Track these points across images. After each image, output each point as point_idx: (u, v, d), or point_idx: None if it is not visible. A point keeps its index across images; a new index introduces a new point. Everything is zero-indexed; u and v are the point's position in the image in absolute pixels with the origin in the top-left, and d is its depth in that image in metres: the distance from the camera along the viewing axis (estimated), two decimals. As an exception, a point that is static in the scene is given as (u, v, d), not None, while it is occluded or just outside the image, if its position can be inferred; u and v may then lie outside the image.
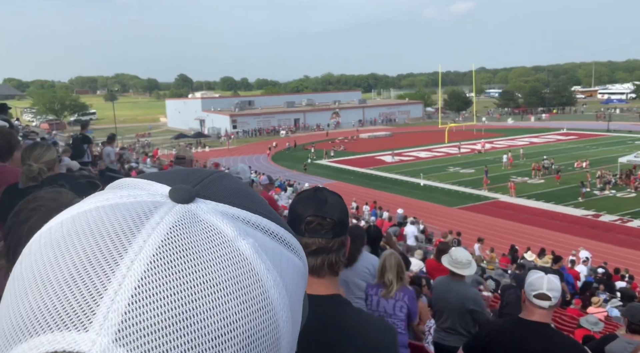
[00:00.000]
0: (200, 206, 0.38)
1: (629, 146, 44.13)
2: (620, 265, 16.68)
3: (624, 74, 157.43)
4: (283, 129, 71.99)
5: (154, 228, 0.35)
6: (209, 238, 0.36)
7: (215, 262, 0.35)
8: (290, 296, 0.39)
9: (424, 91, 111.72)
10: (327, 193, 1.42)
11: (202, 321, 0.32)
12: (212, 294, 0.34)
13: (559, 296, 2.61)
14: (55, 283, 0.32)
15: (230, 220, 0.38)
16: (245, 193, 0.44)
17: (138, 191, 0.40)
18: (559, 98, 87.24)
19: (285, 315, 0.38)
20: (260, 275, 0.37)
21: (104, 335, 0.30)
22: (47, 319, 0.31)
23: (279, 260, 0.40)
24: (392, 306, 3.62)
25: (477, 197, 29.29)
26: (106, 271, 0.32)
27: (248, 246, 0.37)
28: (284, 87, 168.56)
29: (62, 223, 0.37)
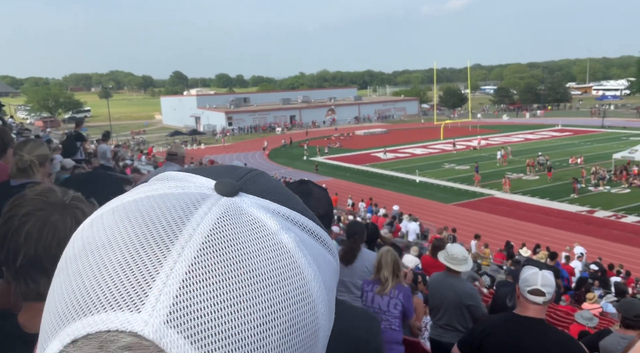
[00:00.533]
0: (244, 199, 0.40)
1: (624, 142, 44.34)
2: (614, 260, 16.78)
3: (618, 71, 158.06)
4: (279, 126, 71.90)
5: (203, 217, 0.36)
6: (254, 229, 0.37)
7: (260, 253, 0.36)
8: (328, 291, 0.41)
9: (420, 88, 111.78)
10: (312, 186, 1.40)
11: (248, 308, 0.33)
12: (258, 283, 0.35)
13: (553, 292, 2.63)
14: (109, 266, 0.33)
15: (273, 214, 0.40)
16: (282, 191, 0.45)
17: (185, 183, 0.41)
18: (553, 95, 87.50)
19: (323, 308, 0.39)
20: (302, 268, 0.38)
21: (156, 316, 0.31)
22: (101, 299, 0.32)
23: (317, 255, 0.41)
24: (387, 304, 3.61)
25: (473, 193, 29.36)
26: (158, 256, 0.33)
27: (290, 240, 0.38)
28: (280, 84, 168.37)
29: (113, 210, 0.38)
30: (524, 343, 2.57)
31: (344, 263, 3.78)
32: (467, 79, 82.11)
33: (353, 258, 3.79)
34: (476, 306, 4.05)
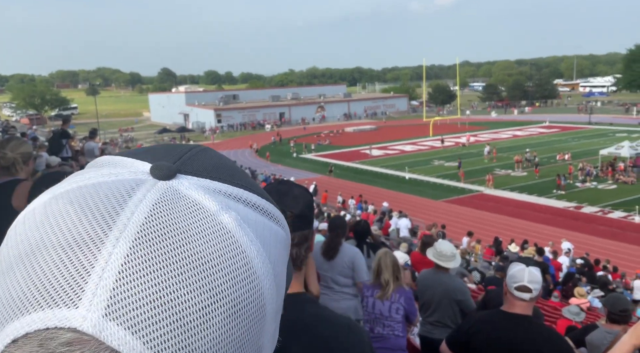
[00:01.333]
0: (182, 182, 0.39)
1: (610, 138, 44.85)
2: (601, 256, 16.99)
3: (605, 67, 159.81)
4: (268, 123, 71.70)
5: (137, 205, 0.36)
6: (192, 213, 0.37)
7: (199, 236, 0.36)
8: (274, 264, 0.41)
9: (409, 85, 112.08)
10: (291, 185, 1.39)
11: (188, 293, 0.34)
12: (197, 267, 0.35)
13: (540, 288, 2.63)
14: (42, 263, 0.33)
15: (212, 194, 0.40)
16: (226, 167, 0.45)
17: (119, 169, 0.40)
18: (541, 91, 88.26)
19: (269, 283, 0.40)
20: (244, 247, 0.38)
21: (93, 311, 0.31)
22: (37, 298, 0.32)
23: (262, 230, 0.41)
24: (388, 309, 3.55)
25: (462, 190, 29.52)
26: (92, 249, 0.33)
27: (230, 220, 0.38)
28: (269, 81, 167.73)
29: (45, 204, 0.38)
30: (510, 339, 2.58)
31: (325, 258, 3.76)
32: (456, 76, 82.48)
33: (335, 253, 3.74)
34: (466, 302, 4.06)
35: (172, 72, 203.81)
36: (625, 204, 24.60)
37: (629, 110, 70.38)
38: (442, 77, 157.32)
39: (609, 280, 14.13)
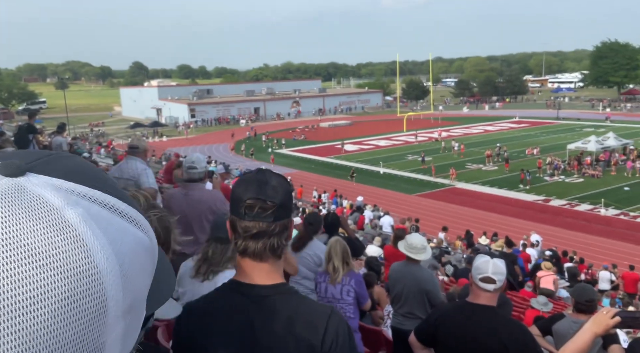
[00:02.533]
0: (30, 179, 0.40)
1: (577, 133, 46.10)
2: (568, 247, 17.49)
3: (573, 64, 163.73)
4: (243, 118, 71.18)
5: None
6: (34, 207, 0.38)
7: (37, 229, 0.37)
8: (122, 263, 0.42)
9: (383, 80, 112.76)
10: (270, 174, 1.38)
11: (15, 283, 0.34)
12: (28, 258, 0.35)
13: (504, 279, 2.67)
14: None
15: (61, 192, 0.41)
16: (86, 171, 0.46)
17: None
18: (511, 87, 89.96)
19: (112, 279, 0.40)
20: (86, 241, 0.39)
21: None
22: None
23: (114, 230, 0.43)
24: (340, 291, 3.65)
25: (435, 184, 29.95)
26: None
27: (75, 215, 0.40)
28: (244, 76, 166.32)
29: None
30: (474, 329, 2.63)
31: (292, 249, 3.88)
32: (429, 72, 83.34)
33: (301, 246, 3.87)
34: (433, 293, 4.13)
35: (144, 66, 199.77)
36: (592, 197, 25.37)
37: (595, 106, 72.41)
38: (416, 73, 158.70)
39: (578, 272, 14.62)
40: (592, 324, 2.13)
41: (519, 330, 2.65)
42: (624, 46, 78.89)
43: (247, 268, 1.38)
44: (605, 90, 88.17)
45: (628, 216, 22.50)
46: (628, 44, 79.46)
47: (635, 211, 22.92)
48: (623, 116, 60.28)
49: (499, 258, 2.72)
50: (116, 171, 4.78)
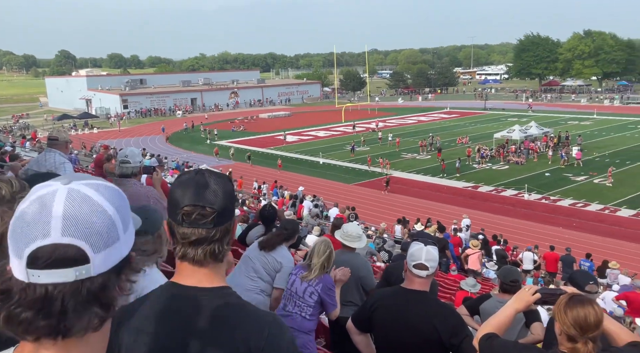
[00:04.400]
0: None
1: (503, 122, 48.76)
2: (496, 231, 18.67)
3: (499, 56, 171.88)
4: (179, 109, 69.25)
5: None
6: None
7: None
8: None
9: (321, 72, 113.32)
10: (210, 176, 1.28)
11: None
12: None
13: (436, 265, 2.79)
14: None
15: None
16: None
17: None
18: (442, 79, 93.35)
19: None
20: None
21: None
22: None
23: None
24: (303, 290, 3.59)
25: (372, 174, 30.78)
26: None
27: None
28: (179, 66, 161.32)
29: None
30: (408, 314, 2.74)
31: (259, 247, 3.87)
32: (366, 64, 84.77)
33: (269, 247, 3.84)
34: (367, 278, 4.28)
35: (72, 55, 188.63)
36: (516, 183, 27.09)
37: (519, 96, 76.69)
38: (353, 64, 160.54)
39: (506, 254, 15.68)
40: (514, 301, 2.23)
41: (448, 313, 2.77)
42: (544, 39, 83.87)
43: (185, 271, 1.30)
44: (528, 81, 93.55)
45: (549, 200, 24.26)
46: (548, 38, 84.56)
47: (555, 196, 24.75)
48: (544, 106, 64.34)
49: (433, 245, 2.83)
50: (34, 164, 4.47)
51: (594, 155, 32.69)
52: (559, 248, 15.73)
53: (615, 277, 13.49)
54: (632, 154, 32.75)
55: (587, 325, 1.92)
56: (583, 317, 1.93)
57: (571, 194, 24.69)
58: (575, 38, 79.46)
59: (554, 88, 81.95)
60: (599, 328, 1.95)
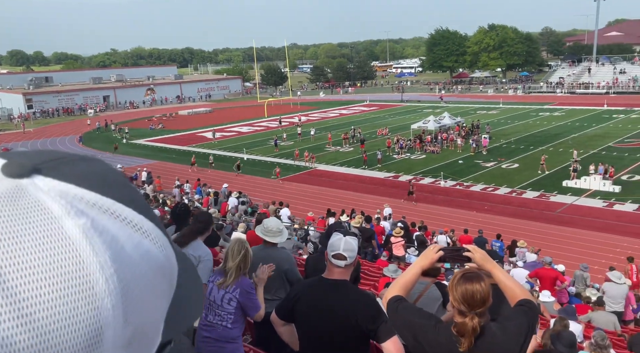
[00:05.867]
0: (35, 182, 0.37)
1: (419, 114, 50.92)
2: (416, 218, 19.53)
3: (412, 50, 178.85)
4: (91, 107, 65.44)
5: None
6: (30, 214, 0.35)
7: (30, 239, 0.34)
8: (127, 284, 0.37)
9: (242, 67, 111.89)
10: None
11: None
12: (15, 272, 0.32)
13: (355, 256, 2.86)
14: None
15: (66, 199, 0.37)
16: (103, 177, 0.42)
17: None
18: (361, 73, 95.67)
19: (112, 304, 0.36)
20: (84, 257, 0.35)
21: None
22: None
23: (121, 245, 0.38)
24: (221, 298, 3.47)
25: (297, 168, 30.98)
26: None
27: (75, 226, 0.36)
28: (88, 62, 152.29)
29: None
30: (328, 303, 2.82)
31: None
32: (286, 58, 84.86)
33: (182, 244, 3.77)
34: (291, 271, 4.33)
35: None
36: (433, 171, 28.46)
37: (433, 88, 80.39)
38: (273, 59, 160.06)
39: (426, 239, 16.47)
40: (419, 259, 2.34)
41: (366, 300, 2.85)
42: (453, 33, 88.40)
43: None
44: (440, 74, 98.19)
45: (462, 186, 25.75)
46: (457, 32, 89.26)
47: (468, 181, 26.31)
48: (455, 97, 67.95)
49: (353, 235, 2.91)
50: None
51: (501, 142, 35.10)
52: (473, 230, 16.81)
53: (523, 255, 14.68)
54: (535, 139, 35.56)
55: (473, 301, 2.04)
56: (470, 294, 2.04)
57: (482, 180, 26.38)
58: (481, 32, 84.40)
59: (464, 80, 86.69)
60: (485, 304, 2.06)
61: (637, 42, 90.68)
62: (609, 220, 19.96)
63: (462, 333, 2.06)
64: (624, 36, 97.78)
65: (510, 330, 2.07)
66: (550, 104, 54.44)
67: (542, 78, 74.25)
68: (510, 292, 2.19)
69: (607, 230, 18.92)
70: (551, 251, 15.97)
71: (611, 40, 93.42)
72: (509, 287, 2.19)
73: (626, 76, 63.55)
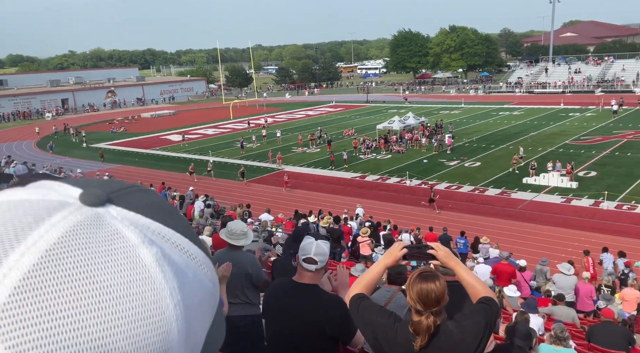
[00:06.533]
0: (110, 211, 0.39)
1: (384, 114, 51.50)
2: (383, 217, 19.74)
3: (376, 51, 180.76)
4: (48, 111, 63.33)
5: (54, 225, 0.35)
6: (110, 241, 0.37)
7: (111, 265, 0.36)
8: (188, 309, 0.40)
9: (206, 68, 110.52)
10: None
11: (82, 321, 0.33)
12: (99, 296, 0.34)
13: (326, 260, 2.86)
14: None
15: (138, 228, 0.40)
16: (163, 207, 0.45)
17: (49, 190, 0.40)
18: (327, 74, 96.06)
19: (178, 326, 0.38)
20: (157, 284, 0.38)
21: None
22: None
23: (183, 273, 0.41)
24: None
25: (265, 169, 30.83)
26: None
27: (149, 254, 0.38)
28: (45, 64, 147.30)
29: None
30: (297, 306, 2.82)
31: None
32: (251, 59, 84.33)
33: None
34: (257, 273, 4.28)
35: None
36: (399, 170, 28.83)
37: (397, 89, 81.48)
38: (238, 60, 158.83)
39: (393, 238, 16.64)
40: (384, 257, 2.33)
41: (336, 305, 2.83)
42: (416, 35, 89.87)
43: None
44: (404, 75, 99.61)
45: (427, 184, 26.18)
46: (419, 34, 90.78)
47: (432, 180, 26.75)
48: (419, 98, 69.03)
49: (325, 239, 2.93)
50: None
51: (464, 141, 35.88)
52: (438, 228, 17.11)
53: (487, 251, 15.05)
54: (496, 138, 36.51)
55: (428, 300, 2.07)
56: (425, 293, 2.07)
57: (446, 178, 26.90)
58: (442, 33, 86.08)
59: (427, 80, 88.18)
60: (440, 303, 2.08)
61: (590, 43, 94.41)
62: (567, 215, 20.69)
63: (417, 331, 2.08)
64: (578, 37, 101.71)
65: (467, 328, 2.09)
66: (510, 104, 56.02)
67: (501, 78, 76.29)
68: (472, 289, 2.22)
69: (566, 225, 19.61)
70: (513, 247, 16.45)
71: (566, 41, 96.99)
72: (470, 284, 2.22)
73: (581, 76, 66.05)
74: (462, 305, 2.51)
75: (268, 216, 18.69)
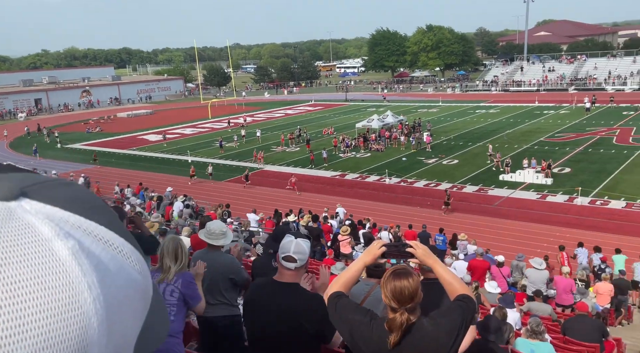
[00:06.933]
0: (23, 205, 0.38)
1: (363, 112, 51.71)
2: (362, 215, 19.82)
3: (355, 50, 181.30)
4: (21, 111, 61.88)
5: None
6: (21, 236, 0.36)
7: (21, 259, 0.35)
8: (110, 305, 0.39)
9: (183, 67, 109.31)
10: None
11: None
12: (8, 291, 0.33)
13: (306, 258, 2.86)
14: None
15: (53, 221, 0.38)
16: (85, 200, 0.43)
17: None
18: (305, 73, 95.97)
19: (99, 320, 0.37)
20: (73, 277, 0.36)
21: None
22: None
23: (105, 267, 0.40)
24: (162, 291, 3.50)
25: (244, 169, 30.65)
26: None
27: (64, 248, 0.37)
28: (17, 64, 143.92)
29: None
30: (278, 305, 2.82)
31: None
32: (229, 58, 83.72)
33: None
34: (238, 274, 4.24)
35: None
36: (378, 169, 28.98)
37: (376, 88, 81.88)
38: (216, 59, 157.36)
39: (373, 236, 16.73)
40: (363, 255, 2.35)
41: (313, 303, 2.82)
42: (393, 34, 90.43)
43: None
44: (382, 73, 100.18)
45: (406, 182, 26.40)
46: (397, 33, 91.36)
47: (411, 178, 27.00)
48: (397, 96, 69.52)
49: (305, 238, 2.92)
50: None
51: (442, 139, 36.27)
52: (417, 226, 17.27)
53: (465, 247, 15.25)
54: (473, 136, 37.00)
55: (402, 298, 2.08)
56: (399, 290, 2.08)
57: (425, 176, 27.15)
58: (419, 32, 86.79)
59: (405, 79, 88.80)
60: (414, 300, 2.09)
61: (564, 42, 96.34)
62: (542, 211, 21.11)
63: (391, 328, 2.09)
64: (552, 36, 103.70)
65: (442, 326, 2.11)
66: (486, 102, 56.84)
67: (478, 77, 77.34)
68: (449, 287, 2.24)
69: (541, 221, 20.01)
70: (491, 243, 16.71)
71: (540, 39, 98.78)
72: (448, 282, 2.25)
73: (555, 74, 67.40)
74: (440, 303, 2.54)
75: (255, 217, 18.64)
